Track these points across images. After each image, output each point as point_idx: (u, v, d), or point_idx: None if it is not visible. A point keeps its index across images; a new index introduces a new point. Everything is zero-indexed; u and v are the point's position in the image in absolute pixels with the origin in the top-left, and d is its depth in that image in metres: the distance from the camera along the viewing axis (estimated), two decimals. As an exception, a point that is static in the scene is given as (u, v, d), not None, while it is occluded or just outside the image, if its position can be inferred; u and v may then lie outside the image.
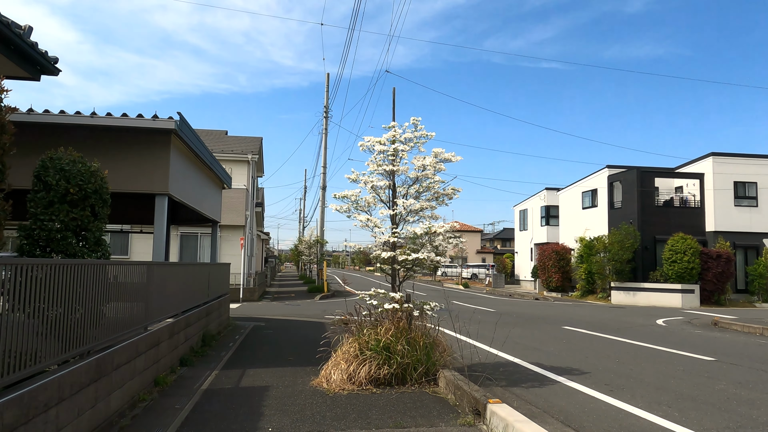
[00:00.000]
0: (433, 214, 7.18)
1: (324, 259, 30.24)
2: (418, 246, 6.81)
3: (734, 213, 26.27)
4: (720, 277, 24.02)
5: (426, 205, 6.91)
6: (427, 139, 7.24)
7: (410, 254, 6.55)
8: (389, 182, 7.06)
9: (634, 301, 24.71)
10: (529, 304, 23.16)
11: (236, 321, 14.47)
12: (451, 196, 7.18)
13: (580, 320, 15.55)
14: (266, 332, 12.29)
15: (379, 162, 6.95)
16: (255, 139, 27.95)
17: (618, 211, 28.14)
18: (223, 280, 13.64)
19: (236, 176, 25.28)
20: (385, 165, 6.93)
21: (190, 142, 8.70)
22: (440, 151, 6.91)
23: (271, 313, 17.07)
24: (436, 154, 6.89)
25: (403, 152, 6.97)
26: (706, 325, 15.01)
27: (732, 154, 26.73)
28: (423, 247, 6.76)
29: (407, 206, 6.75)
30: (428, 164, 6.86)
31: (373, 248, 7.06)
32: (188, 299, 8.99)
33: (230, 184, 14.26)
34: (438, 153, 6.90)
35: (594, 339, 11.27)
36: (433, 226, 6.62)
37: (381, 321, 6.80)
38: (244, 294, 23.24)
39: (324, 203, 30.62)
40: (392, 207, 6.98)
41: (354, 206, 7.12)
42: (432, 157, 6.91)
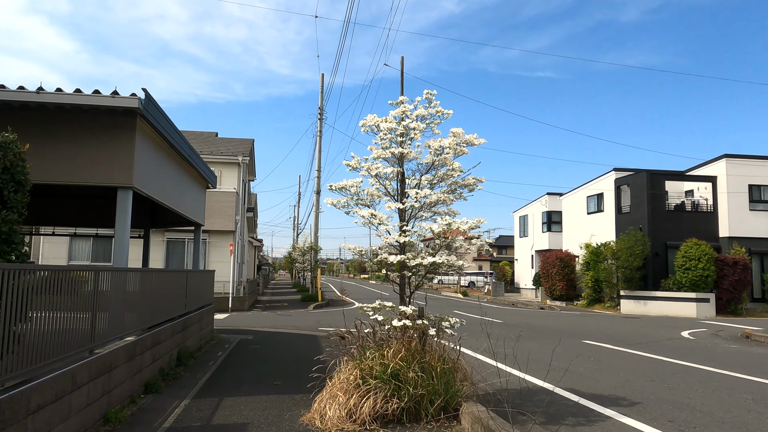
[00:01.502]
0: (449, 210, 5.88)
1: (318, 266, 28.86)
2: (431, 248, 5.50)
3: (749, 217, 25.08)
4: (736, 286, 22.80)
5: (443, 198, 5.61)
6: (443, 119, 5.95)
7: (424, 257, 5.23)
8: (397, 169, 5.76)
9: (645, 310, 23.45)
10: (535, 314, 21.86)
11: (221, 334, 13.10)
12: (473, 188, 5.89)
13: (598, 333, 14.24)
14: (253, 347, 10.94)
15: (385, 145, 5.65)
16: (246, 140, 26.65)
17: (626, 215, 26.92)
18: (206, 289, 12.28)
19: (226, 179, 24.00)
20: (393, 148, 5.63)
21: (161, 128, 7.38)
22: (460, 132, 5.62)
23: (260, 325, 15.70)
24: (455, 135, 5.60)
25: (415, 131, 5.66)
26: (737, 339, 13.73)
27: (746, 155, 25.59)
28: (440, 249, 5.46)
29: (421, 198, 5.44)
30: (447, 146, 5.57)
31: (378, 250, 5.75)
32: (158, 312, 7.64)
33: (215, 184, 12.93)
34: (457, 133, 5.61)
35: (624, 356, 9.96)
36: (455, 222, 5.31)
37: (387, 341, 5.48)
38: (233, 303, 21.85)
39: (318, 208, 29.31)
40: (401, 200, 5.68)
41: (354, 200, 5.82)
42: (451, 137, 5.61)
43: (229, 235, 23.21)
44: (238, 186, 23.97)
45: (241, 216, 25.01)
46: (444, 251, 5.65)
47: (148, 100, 6.64)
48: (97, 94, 6.38)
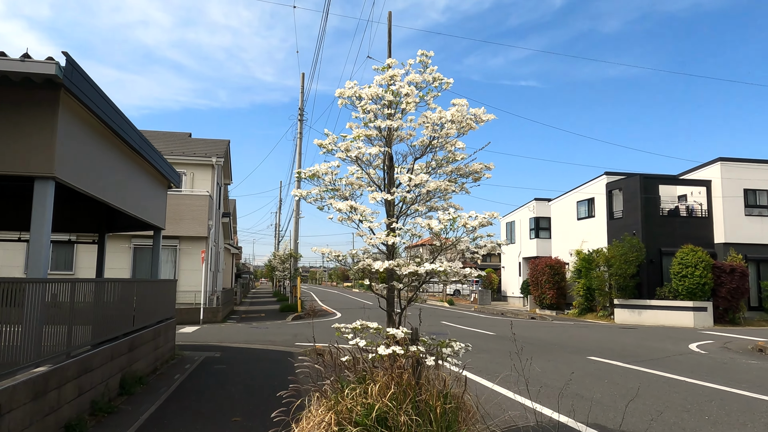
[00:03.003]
0: (449, 203, 4.63)
1: (298, 274, 27.44)
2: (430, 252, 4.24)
3: (745, 223, 24.27)
4: (734, 294, 21.89)
5: (444, 186, 4.36)
6: (440, 90, 4.69)
7: (420, 264, 3.97)
8: (384, 150, 4.49)
9: (640, 320, 22.43)
10: (528, 324, 20.69)
11: (185, 351, 11.69)
12: (479, 177, 4.65)
13: (601, 346, 13.08)
14: (218, 368, 9.56)
15: (368, 119, 4.39)
16: (221, 141, 25.22)
17: (618, 221, 25.96)
18: (165, 301, 10.87)
19: (199, 181, 22.56)
20: (378, 121, 4.36)
21: (95, 107, 6.04)
22: (463, 103, 4.37)
23: (232, 339, 14.29)
24: (458, 109, 4.34)
25: (408, 100, 4.40)
26: (750, 352, 12.67)
27: (741, 159, 24.82)
28: (441, 252, 4.21)
29: (416, 184, 4.18)
30: (450, 119, 4.31)
31: (359, 255, 4.47)
32: (93, 331, 6.26)
33: (179, 183, 11.53)
34: (461, 104, 4.36)
35: (640, 376, 8.77)
36: (461, 217, 4.05)
37: (372, 373, 4.19)
38: (205, 315, 20.33)
39: (298, 213, 27.93)
40: (389, 189, 4.42)
41: (328, 190, 4.53)
42: (454, 109, 4.36)
43: (202, 241, 21.73)
44: (212, 189, 22.53)
45: (216, 221, 23.54)
46: (443, 256, 4.40)
47: (72, 67, 5.30)
48: (2, 56, 5.03)
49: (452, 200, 4.88)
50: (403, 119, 4.51)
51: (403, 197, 4.36)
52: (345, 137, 4.47)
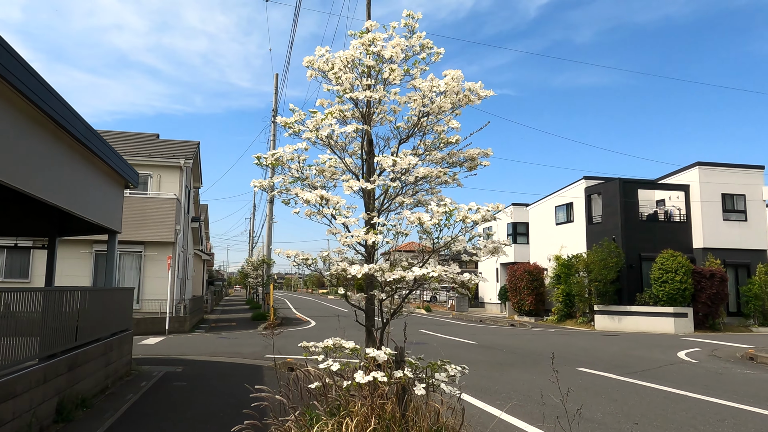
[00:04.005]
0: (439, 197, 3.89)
1: (271, 281, 26.43)
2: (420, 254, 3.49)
3: (723, 228, 24.14)
4: (714, 299, 21.64)
5: (435, 173, 3.61)
6: (429, 63, 3.96)
7: (409, 269, 3.22)
8: (362, 126, 3.72)
9: (621, 326, 22.04)
10: (509, 332, 20.08)
11: (144, 365, 10.70)
12: (474, 165, 3.92)
13: (588, 356, 12.49)
14: (177, 386, 8.64)
15: (343, 90, 3.62)
16: (190, 143, 24.14)
17: (597, 226, 25.63)
18: (121, 311, 9.89)
19: (166, 184, 21.46)
20: (356, 92, 3.60)
21: (23, 85, 5.14)
22: (458, 75, 3.64)
23: (198, 351, 13.31)
24: (453, 78, 3.61)
25: (392, 67, 3.64)
26: (741, 360, 12.23)
27: (719, 163, 24.73)
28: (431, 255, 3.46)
29: (402, 170, 3.43)
30: (443, 89, 3.57)
31: (331, 258, 3.69)
32: (14, 352, 5.33)
33: (136, 182, 10.58)
34: (457, 76, 3.62)
35: (637, 391, 8.14)
36: (459, 210, 3.30)
37: (348, 402, 3.40)
38: (171, 324, 19.20)
39: (271, 218, 26.95)
40: (367, 177, 3.65)
41: (295, 180, 3.75)
42: (449, 77, 3.61)
43: (169, 246, 20.63)
44: (180, 192, 21.45)
45: (184, 226, 22.44)
46: (433, 259, 3.65)
47: (-13, 34, 4.42)
48: None
49: (441, 194, 4.14)
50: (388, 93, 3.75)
51: (386, 187, 3.61)
52: (315, 113, 3.69)
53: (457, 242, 3.43)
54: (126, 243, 19.62)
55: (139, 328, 18.12)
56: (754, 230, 24.57)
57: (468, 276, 3.29)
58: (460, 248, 3.46)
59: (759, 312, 22.76)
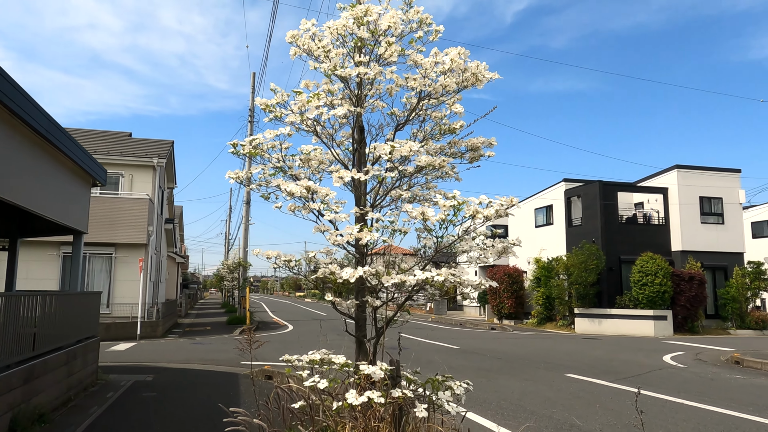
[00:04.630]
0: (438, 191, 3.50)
1: (247, 284, 25.78)
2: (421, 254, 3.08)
3: (701, 231, 24.29)
4: (693, 302, 21.72)
5: (437, 162, 3.21)
6: (426, 42, 3.57)
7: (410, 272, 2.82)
8: (354, 109, 3.30)
9: (601, 329, 21.96)
10: (490, 336, 19.82)
11: (112, 374, 10.10)
12: (476, 156, 3.54)
13: (574, 361, 12.24)
14: (147, 396, 8.08)
15: (331, 67, 3.21)
16: (164, 142, 23.40)
17: (577, 228, 25.59)
18: (86, 317, 9.28)
19: (138, 184, 20.72)
20: (348, 70, 3.19)
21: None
22: (464, 51, 3.25)
23: (169, 358, 12.70)
24: (459, 54, 3.22)
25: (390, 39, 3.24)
26: (727, 365, 12.11)
27: (697, 167, 24.91)
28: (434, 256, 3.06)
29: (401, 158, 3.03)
30: (448, 66, 3.18)
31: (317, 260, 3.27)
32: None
33: (104, 180, 9.99)
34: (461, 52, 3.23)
35: (630, 398, 7.86)
36: (469, 203, 2.92)
37: (337, 425, 2.98)
38: (143, 329, 18.46)
39: (248, 220, 26.31)
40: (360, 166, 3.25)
41: (277, 171, 3.32)
42: (454, 53, 3.22)
43: (141, 248, 19.89)
44: (153, 192, 20.73)
45: (157, 227, 21.69)
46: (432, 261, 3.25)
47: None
48: None
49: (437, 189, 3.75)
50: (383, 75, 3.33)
51: (381, 178, 3.20)
52: (299, 93, 3.27)
53: (463, 241, 3.04)
54: (96, 245, 18.87)
55: (109, 333, 17.39)
56: (731, 233, 24.79)
57: (477, 280, 2.90)
58: (466, 248, 3.08)
59: (736, 315, 22.92)
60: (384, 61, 3.31)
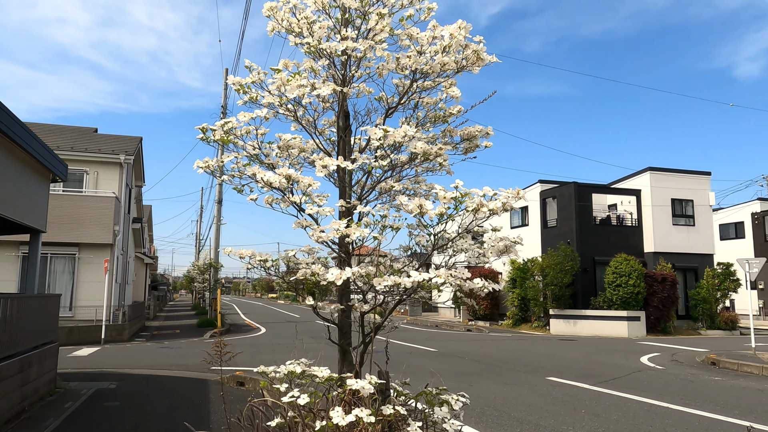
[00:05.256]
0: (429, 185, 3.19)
1: (218, 286, 25.13)
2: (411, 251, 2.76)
3: (673, 232, 24.59)
4: (665, 303, 21.93)
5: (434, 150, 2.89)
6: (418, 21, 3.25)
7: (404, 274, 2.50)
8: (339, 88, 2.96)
9: (576, 330, 22.01)
10: (467, 338, 19.63)
11: (72, 382, 9.52)
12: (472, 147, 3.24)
13: (553, 363, 12.09)
14: (109, 407, 7.58)
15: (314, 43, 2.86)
16: (131, 138, 22.64)
17: (552, 230, 25.65)
18: (44, 321, 8.71)
19: (104, 181, 19.94)
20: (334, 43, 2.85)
21: None
22: (464, 26, 2.93)
23: (135, 363, 12.13)
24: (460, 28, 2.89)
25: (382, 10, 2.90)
26: (704, 366, 12.11)
27: (669, 169, 25.22)
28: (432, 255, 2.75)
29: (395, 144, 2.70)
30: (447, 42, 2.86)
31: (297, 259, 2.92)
32: None
33: (65, 175, 9.42)
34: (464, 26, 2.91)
35: (617, 403, 7.68)
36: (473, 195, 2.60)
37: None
38: (108, 333, 17.73)
39: (219, 219, 25.66)
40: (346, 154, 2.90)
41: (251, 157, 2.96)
42: (456, 28, 2.90)
43: (106, 249, 19.13)
44: (120, 190, 19.98)
45: (123, 227, 20.93)
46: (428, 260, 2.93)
47: None
48: None
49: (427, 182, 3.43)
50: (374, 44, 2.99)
51: (369, 169, 2.87)
52: (278, 71, 2.91)
53: (463, 239, 2.74)
54: (58, 245, 18.08)
55: (71, 337, 16.65)
56: (702, 235, 25.15)
57: (480, 282, 2.60)
58: (465, 246, 2.78)
59: (707, 315, 23.24)
60: (374, 34, 2.98)
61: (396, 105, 3.17)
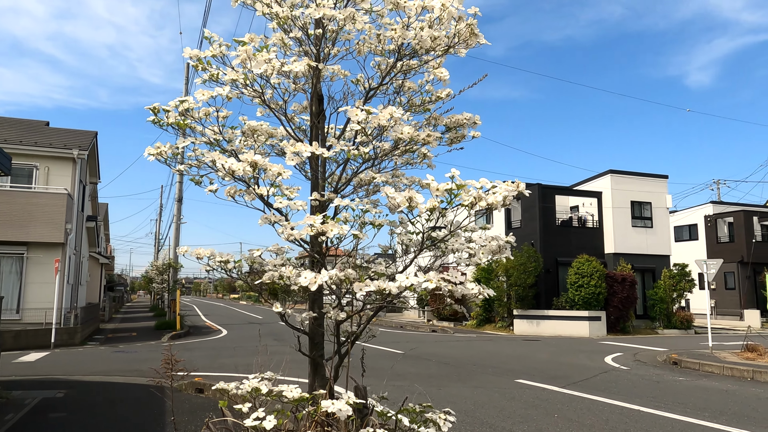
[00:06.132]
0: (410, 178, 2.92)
1: (177, 287, 24.32)
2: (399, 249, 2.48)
3: (632, 234, 25.08)
4: (625, 303, 22.33)
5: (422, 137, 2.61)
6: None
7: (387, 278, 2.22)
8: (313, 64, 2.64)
9: (539, 330, 22.17)
10: (433, 339, 19.49)
11: (16, 390, 8.86)
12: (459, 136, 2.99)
13: (521, 365, 12.02)
14: (54, 418, 7.04)
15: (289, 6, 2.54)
16: (85, 132, 21.65)
17: (516, 231, 25.79)
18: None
19: (55, 177, 18.99)
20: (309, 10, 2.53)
21: None
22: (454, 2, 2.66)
23: (87, 369, 11.47)
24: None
25: None
26: (666, 365, 12.27)
27: (629, 172, 25.72)
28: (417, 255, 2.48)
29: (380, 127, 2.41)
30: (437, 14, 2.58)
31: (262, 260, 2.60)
32: None
33: (8, 168, 8.80)
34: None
35: (589, 407, 7.58)
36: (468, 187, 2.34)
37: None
38: (58, 336, 16.83)
39: (179, 218, 24.83)
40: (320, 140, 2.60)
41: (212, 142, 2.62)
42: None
43: (57, 248, 18.22)
44: (73, 187, 19.06)
45: (76, 225, 19.98)
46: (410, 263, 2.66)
47: None
48: None
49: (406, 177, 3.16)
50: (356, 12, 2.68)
51: (345, 159, 2.57)
52: (243, 44, 2.58)
53: (455, 237, 2.48)
54: (4, 243, 17.12)
55: (18, 342, 15.75)
56: (659, 236, 25.74)
57: (475, 288, 2.35)
58: (458, 246, 2.52)
59: (664, 315, 23.76)
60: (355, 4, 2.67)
61: (377, 87, 2.88)
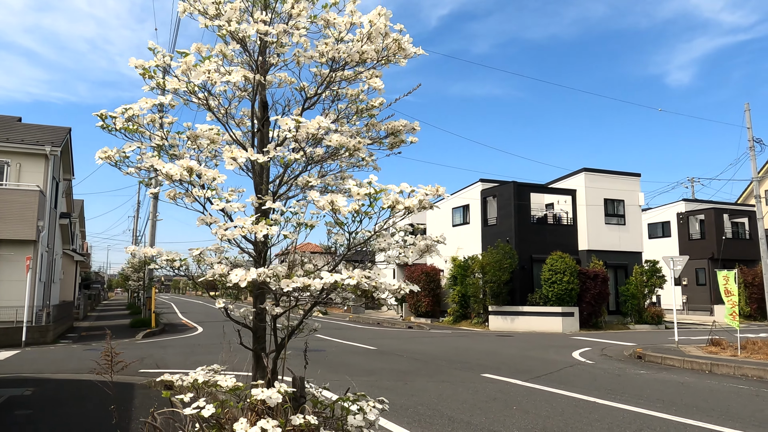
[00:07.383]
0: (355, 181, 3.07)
1: (153, 284, 24.18)
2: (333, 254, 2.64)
3: (605, 231, 25.58)
4: (597, 299, 22.81)
5: (352, 144, 2.76)
6: (341, 9, 3.10)
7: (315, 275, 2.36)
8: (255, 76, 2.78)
9: (513, 326, 22.53)
10: (408, 336, 19.70)
11: (-17, 388, 8.84)
12: (398, 142, 3.14)
13: (490, 360, 12.27)
14: (19, 416, 7.07)
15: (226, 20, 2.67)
16: (58, 128, 21.41)
17: (492, 228, 26.15)
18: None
19: (27, 174, 18.79)
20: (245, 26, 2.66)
21: None
22: (384, 13, 2.80)
23: (58, 367, 11.44)
24: (380, 15, 2.76)
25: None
26: (630, 359, 12.62)
27: (603, 170, 26.21)
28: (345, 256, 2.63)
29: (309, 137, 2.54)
30: (367, 31, 2.73)
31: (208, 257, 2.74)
32: None
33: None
34: (384, 13, 2.78)
35: (548, 399, 7.83)
36: (388, 192, 2.48)
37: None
38: (29, 335, 16.67)
39: (155, 215, 24.69)
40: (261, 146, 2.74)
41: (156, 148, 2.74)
42: (376, 14, 2.76)
43: (29, 246, 18.04)
44: (45, 184, 18.88)
45: (49, 222, 19.77)
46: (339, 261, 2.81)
47: None
48: None
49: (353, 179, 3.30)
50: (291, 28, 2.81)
51: (288, 163, 2.71)
52: (186, 54, 2.71)
53: (381, 237, 2.63)
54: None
55: (-17, 341, 15.59)
56: (632, 234, 26.28)
57: (396, 284, 2.50)
58: (384, 246, 2.68)
59: (635, 310, 24.29)
60: (292, 18, 2.80)
61: (315, 96, 3.02)
